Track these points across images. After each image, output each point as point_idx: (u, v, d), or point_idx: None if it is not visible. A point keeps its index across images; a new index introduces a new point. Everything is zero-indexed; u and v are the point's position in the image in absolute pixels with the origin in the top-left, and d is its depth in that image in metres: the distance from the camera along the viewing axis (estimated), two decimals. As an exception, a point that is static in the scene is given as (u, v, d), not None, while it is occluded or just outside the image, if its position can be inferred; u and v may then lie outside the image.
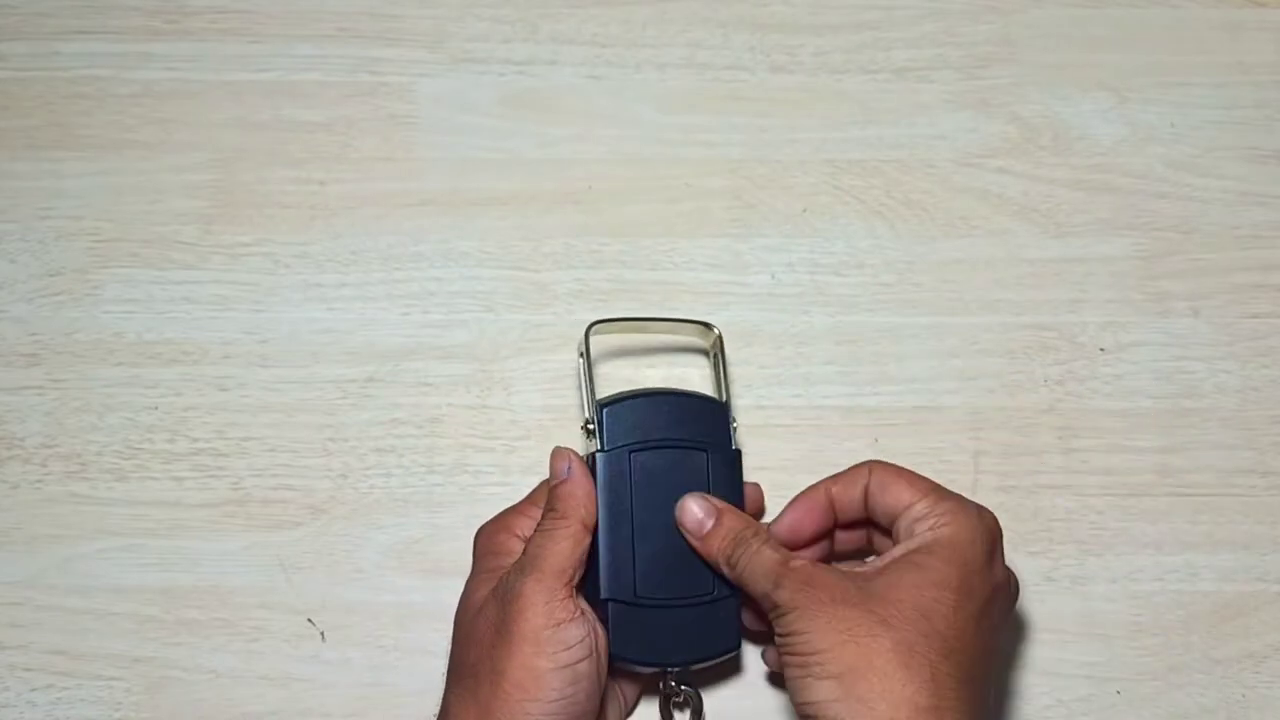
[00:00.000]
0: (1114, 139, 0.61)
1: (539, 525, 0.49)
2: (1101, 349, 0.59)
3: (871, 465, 0.50)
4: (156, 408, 0.57)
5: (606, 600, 0.50)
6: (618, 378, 0.57)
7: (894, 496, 0.48)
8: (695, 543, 0.50)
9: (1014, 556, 0.50)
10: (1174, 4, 0.62)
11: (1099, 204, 0.61)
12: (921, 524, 0.47)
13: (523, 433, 0.57)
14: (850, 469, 0.50)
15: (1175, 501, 0.57)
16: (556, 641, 0.46)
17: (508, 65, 0.62)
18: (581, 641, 0.47)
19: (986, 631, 0.45)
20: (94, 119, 0.60)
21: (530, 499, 0.52)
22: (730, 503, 0.51)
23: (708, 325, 0.55)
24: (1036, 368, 0.59)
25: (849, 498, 0.50)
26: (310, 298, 0.59)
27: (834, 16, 0.64)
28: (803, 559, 0.47)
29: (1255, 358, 0.59)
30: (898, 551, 0.46)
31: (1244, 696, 0.55)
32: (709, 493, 0.51)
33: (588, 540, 0.49)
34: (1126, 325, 0.59)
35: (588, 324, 0.54)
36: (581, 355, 0.54)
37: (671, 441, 0.51)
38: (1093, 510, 0.57)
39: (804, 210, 0.61)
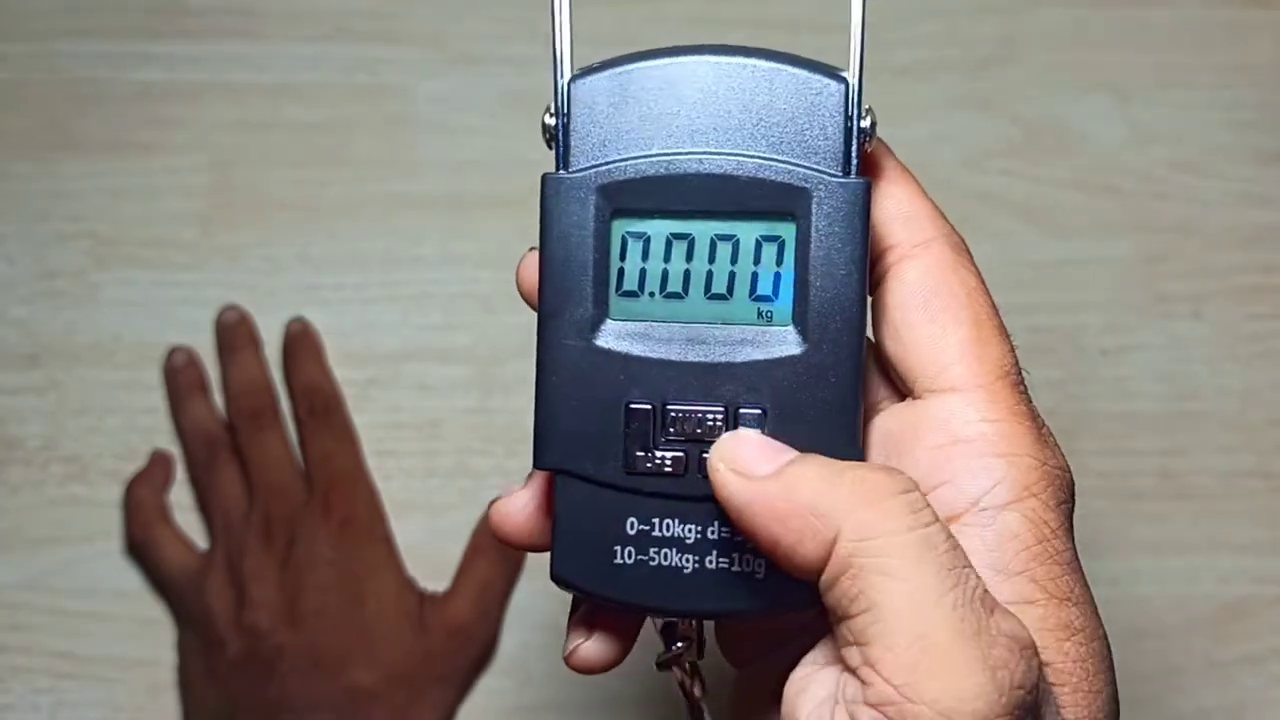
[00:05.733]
0: (1116, 140, 0.61)
1: None
2: (1103, 351, 0.59)
3: None
4: (156, 410, 0.57)
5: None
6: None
7: None
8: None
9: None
10: (1176, 4, 0.62)
11: (1100, 205, 0.60)
12: None
13: (523, 435, 0.57)
14: None
15: (1176, 504, 0.57)
16: None
17: (507, 65, 0.61)
18: None
19: None
20: (92, 120, 0.59)
21: None
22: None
23: None
24: (1037, 370, 0.58)
25: None
26: (309, 300, 0.58)
27: (834, 16, 0.63)
28: None
29: (1257, 360, 0.59)
30: None
31: (1244, 699, 0.55)
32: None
33: None
34: (1128, 327, 0.59)
35: None
36: None
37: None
38: (1093, 513, 0.57)
39: (804, 211, 0.60)
